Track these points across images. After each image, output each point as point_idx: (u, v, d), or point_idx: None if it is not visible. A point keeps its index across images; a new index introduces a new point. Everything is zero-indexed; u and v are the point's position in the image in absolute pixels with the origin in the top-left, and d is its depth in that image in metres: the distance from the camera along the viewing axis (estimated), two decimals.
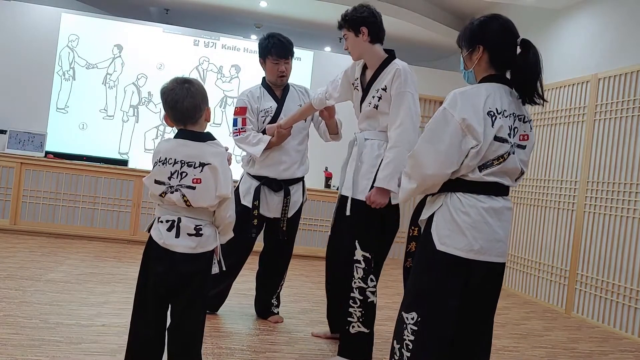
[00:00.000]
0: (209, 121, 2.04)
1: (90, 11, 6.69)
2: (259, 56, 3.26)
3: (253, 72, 3.24)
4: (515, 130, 1.84)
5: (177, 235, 1.94)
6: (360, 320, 2.64)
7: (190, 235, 1.94)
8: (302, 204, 3.35)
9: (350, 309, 2.64)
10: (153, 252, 1.98)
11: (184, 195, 1.92)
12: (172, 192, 1.93)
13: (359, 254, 2.62)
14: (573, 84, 4.84)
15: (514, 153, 1.83)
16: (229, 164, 2.02)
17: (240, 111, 3.24)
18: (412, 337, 1.83)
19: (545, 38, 5.28)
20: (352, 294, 2.63)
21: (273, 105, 3.25)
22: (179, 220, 1.94)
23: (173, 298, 1.98)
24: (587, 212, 4.50)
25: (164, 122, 6.39)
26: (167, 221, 1.95)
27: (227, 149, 2.04)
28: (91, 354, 2.47)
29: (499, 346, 3.35)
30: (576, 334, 3.91)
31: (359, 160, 2.69)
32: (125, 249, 5.26)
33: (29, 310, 2.99)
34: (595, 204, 4.43)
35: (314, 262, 5.71)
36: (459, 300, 1.81)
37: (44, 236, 5.43)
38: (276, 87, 3.29)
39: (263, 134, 3.20)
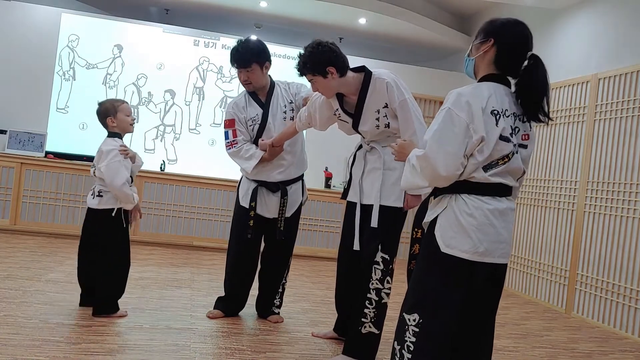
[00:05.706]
0: (114, 126, 3.05)
1: (90, 11, 6.68)
2: None
3: None
4: (517, 130, 1.85)
5: (93, 197, 3.02)
6: (373, 321, 2.64)
7: (96, 196, 3.01)
8: (301, 203, 3.35)
9: (365, 310, 2.64)
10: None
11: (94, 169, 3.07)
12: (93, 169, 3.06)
13: (378, 255, 2.63)
14: (573, 84, 4.84)
15: (517, 152, 1.83)
16: (125, 158, 2.98)
17: (229, 124, 3.24)
18: (413, 339, 1.83)
19: (545, 38, 5.28)
20: (368, 295, 2.63)
21: (259, 112, 3.23)
22: (95, 186, 3.03)
23: (89, 244, 3.04)
24: (587, 212, 4.50)
25: (163, 122, 6.45)
26: (93, 189, 3.05)
27: (121, 145, 3.01)
28: (91, 354, 2.47)
29: (499, 346, 3.35)
30: (576, 334, 3.91)
31: (385, 168, 2.66)
32: None
33: (29, 310, 2.99)
34: (595, 204, 4.43)
35: (314, 262, 5.71)
36: (461, 302, 1.81)
37: (44, 236, 5.42)
38: (257, 91, 3.28)
39: (256, 146, 3.20)
